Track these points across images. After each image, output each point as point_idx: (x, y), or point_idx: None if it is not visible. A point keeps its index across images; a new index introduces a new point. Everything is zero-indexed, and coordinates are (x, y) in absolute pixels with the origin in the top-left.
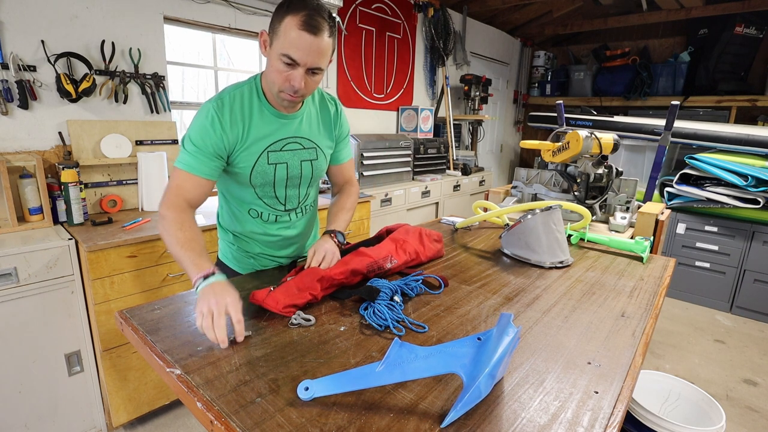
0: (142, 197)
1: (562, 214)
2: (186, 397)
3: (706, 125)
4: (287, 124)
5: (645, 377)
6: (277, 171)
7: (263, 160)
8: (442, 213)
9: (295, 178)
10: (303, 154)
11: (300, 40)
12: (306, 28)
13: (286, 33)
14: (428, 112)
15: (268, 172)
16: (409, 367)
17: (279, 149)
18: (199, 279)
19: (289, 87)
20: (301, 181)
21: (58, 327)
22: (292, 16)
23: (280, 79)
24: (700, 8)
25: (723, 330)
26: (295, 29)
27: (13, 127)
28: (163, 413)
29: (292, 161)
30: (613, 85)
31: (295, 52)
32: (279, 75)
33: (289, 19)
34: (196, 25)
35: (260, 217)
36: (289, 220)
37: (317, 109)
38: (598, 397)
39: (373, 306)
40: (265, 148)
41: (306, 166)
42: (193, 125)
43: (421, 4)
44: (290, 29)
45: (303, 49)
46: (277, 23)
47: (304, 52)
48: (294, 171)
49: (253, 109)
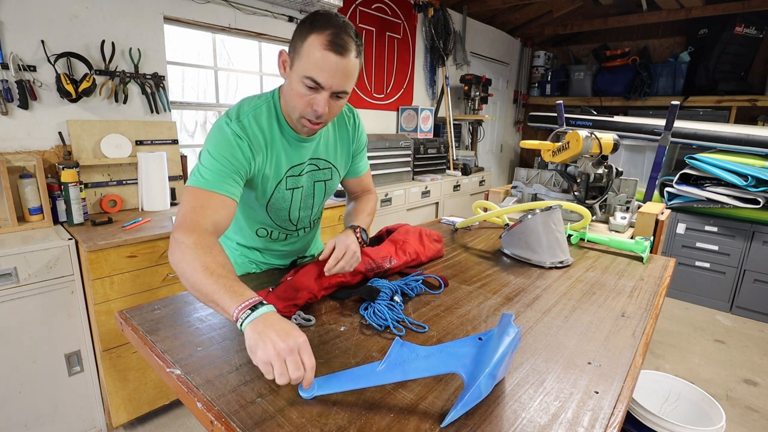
0: (142, 197)
1: (562, 214)
2: (186, 397)
3: (706, 125)
4: (306, 147)
5: (645, 377)
6: (294, 196)
7: (282, 186)
8: (442, 213)
9: (308, 198)
10: (317, 175)
11: (325, 62)
12: (332, 48)
13: (310, 53)
14: (428, 112)
15: (285, 198)
16: (410, 366)
17: (297, 174)
18: (244, 310)
19: (312, 112)
20: (314, 202)
21: (58, 327)
22: (316, 35)
23: (302, 104)
24: (700, 8)
25: (723, 330)
26: (320, 49)
27: (13, 127)
28: (163, 413)
29: (308, 184)
30: (613, 85)
31: (320, 75)
32: (301, 99)
33: (313, 38)
34: (196, 25)
35: (269, 236)
36: (297, 236)
37: (335, 126)
38: (598, 397)
39: (373, 306)
40: (285, 174)
41: (319, 187)
42: (211, 144)
43: (421, 4)
44: (314, 49)
45: (328, 71)
46: (299, 42)
47: (329, 74)
48: (308, 192)
49: (273, 132)
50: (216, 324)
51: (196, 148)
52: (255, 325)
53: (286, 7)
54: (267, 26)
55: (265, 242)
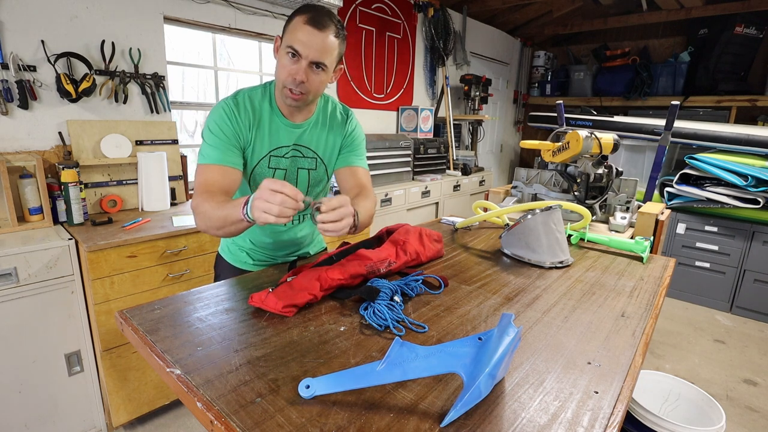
0: (142, 197)
1: (562, 214)
2: (186, 397)
3: (706, 125)
4: (293, 132)
5: (645, 377)
6: (275, 176)
7: (264, 163)
8: (442, 213)
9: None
10: (301, 162)
11: (304, 33)
12: (310, 23)
13: (293, 29)
14: (428, 112)
15: (266, 175)
16: (410, 366)
17: (281, 155)
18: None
19: (292, 81)
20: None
21: (58, 327)
22: (300, 15)
23: (284, 74)
24: (700, 8)
25: (723, 330)
26: (301, 24)
27: (13, 127)
28: (163, 413)
29: (291, 168)
30: (613, 85)
31: (299, 45)
32: (284, 70)
33: (297, 18)
34: (196, 25)
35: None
36: (284, 226)
37: (327, 119)
38: (598, 397)
39: (373, 306)
40: (268, 152)
41: (302, 174)
42: (210, 120)
43: (421, 4)
44: (296, 25)
45: (306, 42)
46: (287, 25)
47: (307, 44)
48: (290, 177)
49: (263, 112)
50: (216, 324)
51: (196, 148)
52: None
53: (286, 7)
54: (267, 26)
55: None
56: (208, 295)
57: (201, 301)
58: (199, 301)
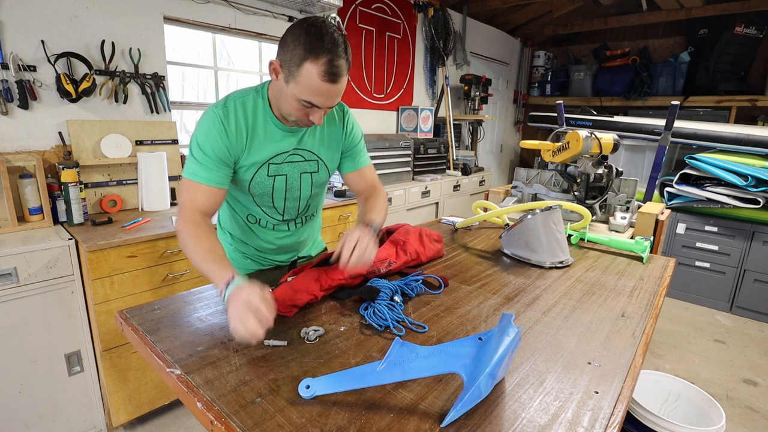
0: (142, 197)
1: (562, 214)
2: (186, 397)
3: (706, 125)
4: (291, 137)
5: (645, 377)
6: (276, 183)
7: (263, 172)
8: (442, 213)
9: (294, 190)
10: (303, 166)
11: (322, 89)
12: (328, 78)
13: (307, 81)
14: (428, 112)
15: (266, 183)
16: (410, 366)
17: (280, 162)
18: (223, 288)
19: (308, 122)
20: (301, 194)
21: (58, 327)
22: (311, 63)
23: (299, 115)
24: (700, 8)
25: (723, 330)
26: (317, 79)
27: (13, 127)
28: (163, 413)
29: (292, 173)
30: (613, 85)
31: (317, 100)
32: (297, 111)
33: (309, 65)
34: (196, 25)
35: (258, 223)
36: (287, 229)
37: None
38: (598, 397)
39: (373, 306)
40: (266, 161)
41: (306, 179)
42: (198, 132)
43: (421, 4)
44: (311, 78)
45: (325, 97)
46: (293, 65)
47: (326, 98)
48: (293, 183)
49: (257, 120)
50: (216, 324)
51: None
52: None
53: (286, 7)
54: (267, 26)
55: (256, 229)
56: (208, 295)
57: (201, 301)
58: (199, 301)
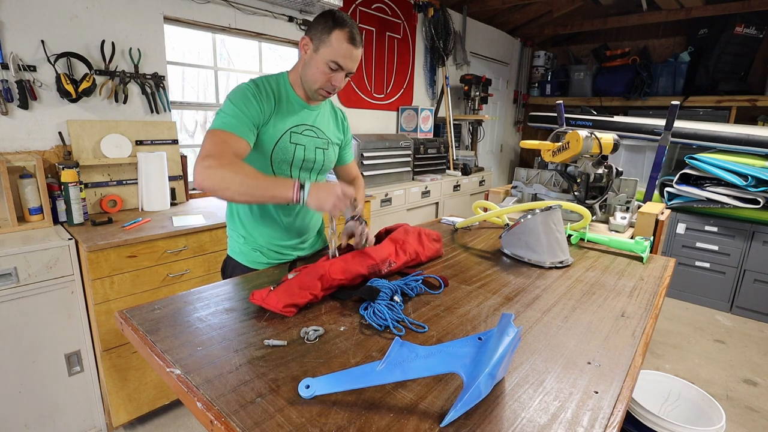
0: (142, 197)
1: (562, 214)
2: (186, 397)
3: (706, 125)
4: (309, 114)
5: (645, 377)
6: (296, 151)
7: (286, 138)
8: (442, 213)
9: (309, 161)
10: (318, 142)
11: (348, 51)
12: (352, 42)
13: (337, 44)
14: (428, 112)
15: (288, 149)
16: (410, 366)
17: (300, 132)
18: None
19: (330, 86)
20: (314, 166)
21: (58, 327)
22: (340, 30)
23: (323, 79)
24: (700, 8)
25: (723, 330)
26: (345, 42)
27: (13, 127)
28: (163, 413)
29: (309, 145)
30: (613, 85)
31: (344, 61)
32: (323, 76)
33: (338, 32)
34: (196, 25)
35: None
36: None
37: (330, 111)
38: (598, 397)
39: (373, 306)
40: (288, 128)
41: (319, 153)
42: (231, 97)
43: (421, 4)
44: (340, 41)
45: (350, 59)
46: (324, 34)
47: (350, 60)
48: (309, 155)
49: (281, 93)
50: (216, 324)
51: (196, 149)
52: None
53: (286, 7)
54: (267, 26)
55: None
56: (208, 295)
57: (201, 301)
58: (199, 301)
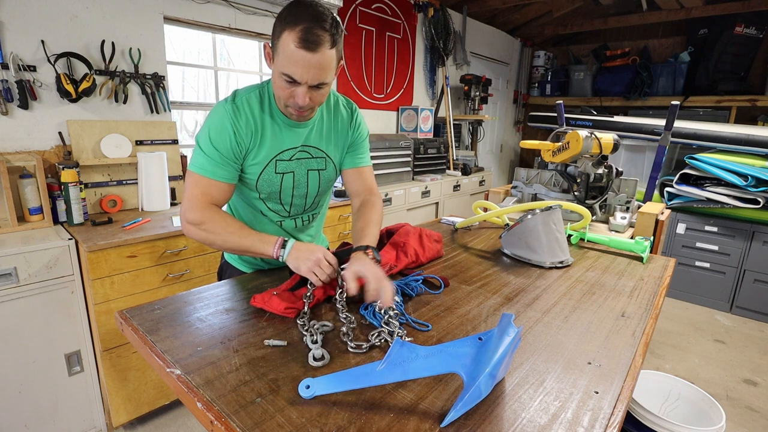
0: (142, 197)
1: (562, 214)
2: (186, 397)
3: (706, 125)
4: (298, 133)
5: (645, 377)
6: (284, 180)
7: (270, 169)
8: (442, 213)
9: (301, 187)
10: (311, 164)
11: (298, 58)
12: (303, 45)
13: (284, 50)
14: (428, 112)
15: (274, 181)
16: (410, 366)
17: (288, 159)
18: (279, 248)
19: (294, 103)
20: (308, 191)
21: (58, 327)
22: (289, 31)
23: (285, 95)
24: (700, 8)
25: (723, 330)
26: (292, 45)
27: (13, 127)
28: (163, 413)
29: (299, 170)
30: (613, 85)
31: (295, 71)
32: (283, 92)
33: (286, 34)
34: (196, 25)
35: (265, 216)
36: (294, 225)
37: (331, 115)
38: (598, 397)
39: (373, 306)
40: (273, 157)
41: (313, 176)
42: (210, 126)
43: (421, 4)
44: (287, 46)
45: (302, 68)
46: (276, 37)
47: (303, 70)
48: (300, 180)
49: (264, 116)
50: (216, 324)
51: None
52: (290, 255)
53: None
54: (267, 26)
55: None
56: (208, 295)
57: (201, 301)
58: (199, 301)
